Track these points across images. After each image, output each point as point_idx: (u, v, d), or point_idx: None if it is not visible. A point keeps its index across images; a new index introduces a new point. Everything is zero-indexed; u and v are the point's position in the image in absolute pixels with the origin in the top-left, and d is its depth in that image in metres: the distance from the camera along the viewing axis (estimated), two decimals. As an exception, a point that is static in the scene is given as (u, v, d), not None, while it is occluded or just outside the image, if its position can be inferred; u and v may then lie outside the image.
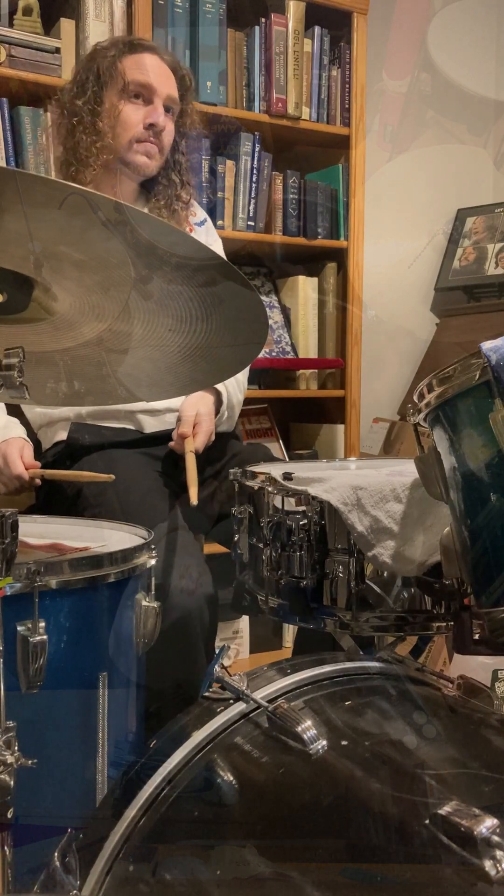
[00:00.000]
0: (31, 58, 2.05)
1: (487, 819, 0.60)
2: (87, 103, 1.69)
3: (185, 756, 0.80)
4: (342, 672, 0.91)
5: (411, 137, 3.19)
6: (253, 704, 0.84)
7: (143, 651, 1.10)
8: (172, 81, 1.74)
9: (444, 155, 3.26)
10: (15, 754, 0.83)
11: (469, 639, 0.89)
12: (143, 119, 1.70)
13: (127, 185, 1.78)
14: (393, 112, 3.13)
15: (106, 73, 1.69)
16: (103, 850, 0.75)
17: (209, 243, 1.57)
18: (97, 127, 1.69)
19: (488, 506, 0.83)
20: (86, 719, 1.00)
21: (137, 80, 1.69)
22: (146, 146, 1.71)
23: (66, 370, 1.08)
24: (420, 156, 3.21)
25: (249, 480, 1.20)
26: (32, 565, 0.94)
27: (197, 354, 1.00)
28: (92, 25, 2.12)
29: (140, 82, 1.69)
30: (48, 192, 0.73)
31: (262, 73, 2.41)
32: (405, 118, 3.17)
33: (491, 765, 0.74)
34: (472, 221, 3.17)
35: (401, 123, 3.16)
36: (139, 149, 1.71)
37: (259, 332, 0.99)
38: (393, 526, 1.02)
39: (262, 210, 2.46)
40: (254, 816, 0.73)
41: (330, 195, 2.59)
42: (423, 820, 0.63)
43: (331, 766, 0.74)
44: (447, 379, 0.84)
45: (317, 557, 1.06)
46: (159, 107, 1.71)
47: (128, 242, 0.79)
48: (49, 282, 0.88)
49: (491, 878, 0.57)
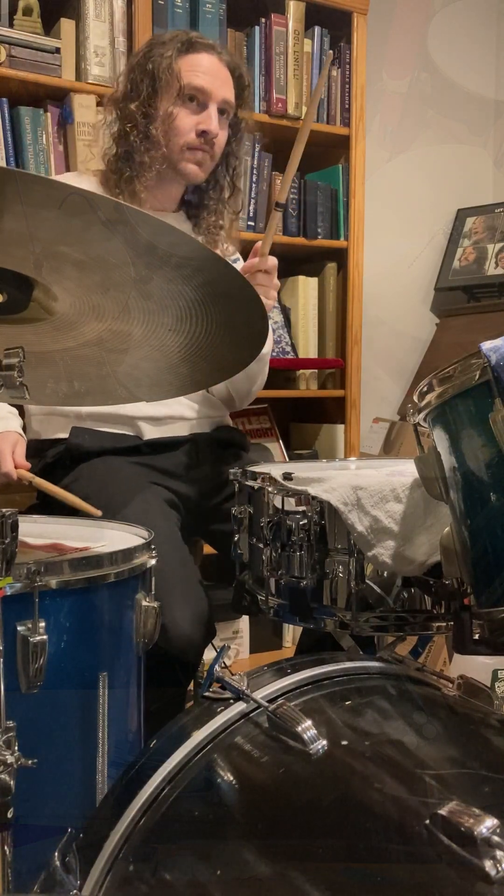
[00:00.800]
0: (31, 58, 2.05)
1: (487, 819, 0.60)
2: (141, 107, 1.62)
3: (185, 756, 0.80)
4: (342, 672, 0.91)
5: (411, 137, 3.19)
6: (253, 704, 0.84)
7: (143, 651, 1.10)
8: (230, 83, 1.66)
9: (444, 155, 3.25)
10: (15, 754, 0.83)
11: (469, 639, 0.89)
12: (195, 125, 1.62)
13: (176, 190, 1.73)
14: (393, 112, 3.13)
15: (162, 75, 1.60)
16: (103, 850, 0.75)
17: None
18: (151, 134, 1.62)
19: (488, 506, 0.83)
20: (86, 719, 1.00)
21: (193, 84, 1.61)
22: (197, 154, 1.64)
23: (66, 370, 1.08)
24: (420, 156, 3.21)
25: (249, 480, 1.20)
26: (32, 565, 0.94)
27: (197, 354, 1.00)
28: (92, 25, 2.12)
29: (196, 86, 1.61)
30: (48, 192, 0.73)
31: (262, 73, 2.41)
32: (405, 118, 3.16)
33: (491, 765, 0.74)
34: (472, 221, 3.17)
35: (401, 123, 3.15)
36: (190, 157, 1.64)
37: (259, 332, 0.99)
38: (393, 526, 1.02)
39: (262, 210, 2.46)
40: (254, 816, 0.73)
41: (330, 195, 2.59)
42: (423, 820, 0.63)
43: (331, 766, 0.74)
44: (447, 379, 0.84)
45: (317, 557, 1.06)
46: (213, 112, 1.63)
47: (128, 242, 0.79)
48: (49, 282, 0.88)
49: (491, 878, 0.57)
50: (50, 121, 2.11)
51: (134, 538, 1.16)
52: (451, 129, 3.27)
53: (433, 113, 3.22)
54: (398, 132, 3.14)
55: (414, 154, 3.19)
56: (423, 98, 3.19)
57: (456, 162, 3.29)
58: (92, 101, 2.11)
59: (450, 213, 3.23)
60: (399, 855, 0.63)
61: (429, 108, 3.21)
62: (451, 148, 3.27)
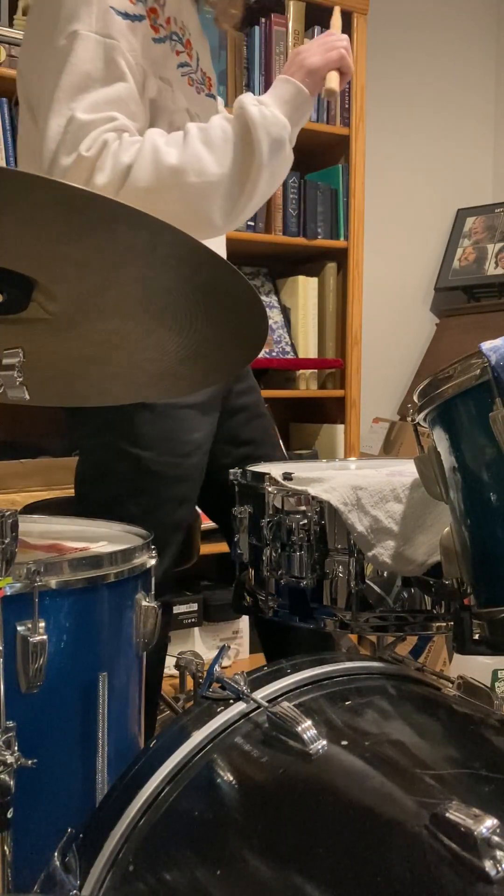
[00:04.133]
0: (31, 58, 2.05)
1: (487, 819, 0.60)
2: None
3: (185, 756, 0.80)
4: (342, 672, 0.91)
5: (411, 137, 3.19)
6: (253, 704, 0.84)
7: (143, 651, 1.10)
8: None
9: (444, 155, 3.25)
10: (15, 754, 0.83)
11: (469, 639, 0.89)
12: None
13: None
14: (393, 112, 3.13)
15: None
16: (103, 850, 0.75)
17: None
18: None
19: (488, 506, 0.83)
20: (86, 719, 1.00)
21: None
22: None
23: (66, 370, 1.08)
24: (420, 156, 3.21)
25: (249, 480, 1.20)
26: (32, 565, 0.94)
27: (197, 354, 1.00)
28: (92, 25, 2.12)
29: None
30: (48, 192, 0.73)
31: (262, 73, 2.41)
32: (405, 118, 3.16)
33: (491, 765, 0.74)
34: (472, 221, 3.18)
35: (401, 123, 3.15)
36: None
37: (259, 332, 0.99)
38: (393, 526, 1.02)
39: (262, 210, 2.46)
40: (254, 816, 0.73)
41: (330, 195, 2.59)
42: (423, 820, 0.63)
43: (331, 766, 0.74)
44: (447, 379, 0.84)
45: (317, 557, 1.06)
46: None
47: (128, 242, 0.79)
48: (49, 282, 0.88)
49: (491, 878, 0.57)
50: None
51: (134, 538, 1.16)
52: (451, 129, 3.27)
53: (433, 113, 3.22)
54: (398, 132, 3.14)
55: (414, 154, 3.19)
56: (423, 98, 3.19)
57: (456, 162, 3.29)
58: (92, 101, 2.10)
59: (450, 213, 3.23)
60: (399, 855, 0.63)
61: (429, 107, 3.21)
62: (451, 148, 3.27)
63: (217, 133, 1.23)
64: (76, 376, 1.10)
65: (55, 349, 1.01)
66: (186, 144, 1.21)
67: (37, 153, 1.21)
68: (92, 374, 1.09)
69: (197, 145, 1.21)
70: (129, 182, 1.17)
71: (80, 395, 1.19)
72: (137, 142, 1.19)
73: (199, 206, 1.22)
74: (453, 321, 3.10)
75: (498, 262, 3.00)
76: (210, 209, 1.22)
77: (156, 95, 1.28)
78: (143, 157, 1.18)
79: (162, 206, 1.17)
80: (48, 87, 1.19)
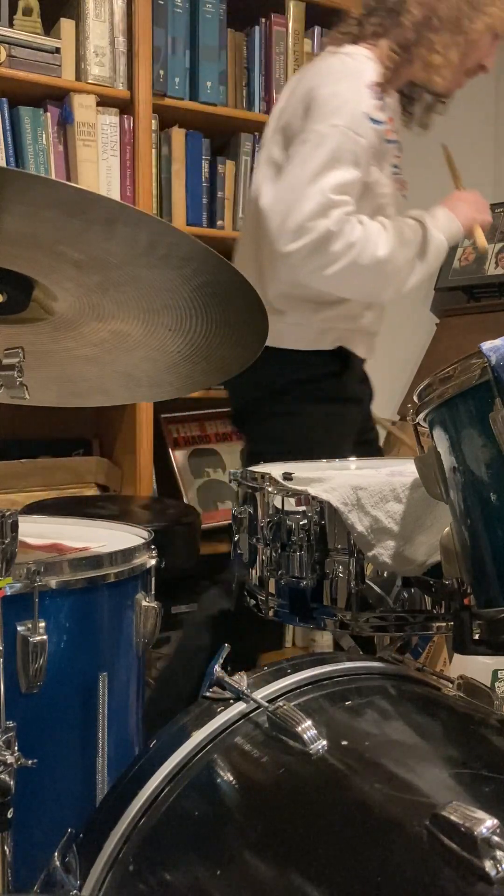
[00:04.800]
0: (31, 58, 2.05)
1: (487, 819, 0.60)
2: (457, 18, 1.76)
3: (185, 756, 0.80)
4: (342, 672, 0.91)
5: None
6: (253, 704, 0.84)
7: (143, 651, 1.10)
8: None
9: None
10: (15, 754, 0.83)
11: (469, 639, 0.89)
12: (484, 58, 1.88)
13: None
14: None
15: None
16: (103, 850, 0.75)
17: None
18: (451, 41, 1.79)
19: (488, 506, 0.83)
20: (86, 719, 1.00)
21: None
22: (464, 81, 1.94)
23: (66, 370, 1.08)
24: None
25: (249, 480, 1.20)
26: (32, 565, 0.94)
27: (197, 354, 1.00)
28: (92, 25, 2.12)
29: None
30: (48, 192, 0.73)
31: (262, 73, 2.41)
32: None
33: (491, 765, 0.74)
34: (472, 221, 3.17)
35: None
36: (462, 81, 1.93)
37: (259, 332, 0.99)
38: (393, 526, 1.02)
39: (262, 210, 2.46)
40: (254, 816, 0.73)
41: (330, 195, 2.59)
42: (423, 820, 0.63)
43: (331, 766, 0.74)
44: (447, 379, 0.84)
45: (317, 557, 1.06)
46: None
47: (128, 242, 0.79)
48: (49, 282, 0.88)
49: (491, 878, 0.57)
50: (50, 121, 2.11)
51: (134, 538, 1.16)
52: (451, 128, 3.27)
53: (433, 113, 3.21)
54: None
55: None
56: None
57: (456, 162, 3.28)
58: (92, 101, 2.11)
59: (450, 213, 3.23)
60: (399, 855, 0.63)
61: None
62: (452, 148, 3.27)
63: (409, 235, 1.73)
64: (76, 376, 1.10)
65: (55, 349, 1.01)
66: (390, 242, 1.65)
67: (281, 190, 1.60)
68: (92, 374, 1.09)
69: (396, 247, 1.66)
70: (349, 257, 1.57)
71: (80, 395, 1.19)
72: (360, 225, 1.59)
73: (380, 288, 1.71)
74: (453, 321, 3.10)
75: (498, 262, 3.00)
76: (383, 293, 1.74)
77: (372, 182, 1.69)
78: (366, 241, 1.59)
79: (357, 281, 1.64)
80: (302, 151, 1.60)
